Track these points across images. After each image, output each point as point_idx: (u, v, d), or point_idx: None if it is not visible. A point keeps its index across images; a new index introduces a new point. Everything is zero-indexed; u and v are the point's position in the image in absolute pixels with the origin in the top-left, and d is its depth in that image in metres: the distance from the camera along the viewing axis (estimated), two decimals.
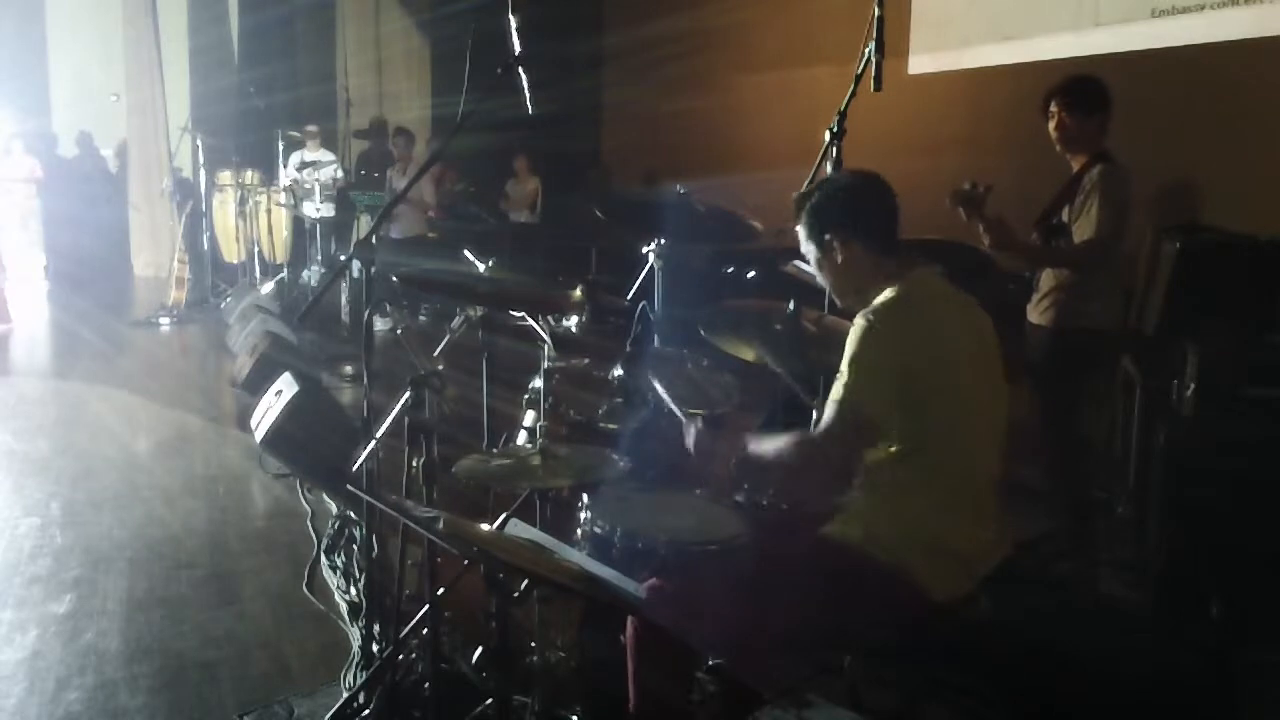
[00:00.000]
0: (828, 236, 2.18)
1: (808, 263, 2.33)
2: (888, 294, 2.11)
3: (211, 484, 4.53)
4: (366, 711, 2.51)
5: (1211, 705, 2.73)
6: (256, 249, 8.91)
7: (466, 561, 2.08)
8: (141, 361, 7.14)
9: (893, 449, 2.06)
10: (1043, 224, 3.53)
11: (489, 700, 2.37)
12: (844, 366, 2.06)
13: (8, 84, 10.60)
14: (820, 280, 2.29)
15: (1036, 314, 3.53)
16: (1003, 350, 2.19)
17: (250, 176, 9.18)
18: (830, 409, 2.05)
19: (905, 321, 2.06)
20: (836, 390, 2.06)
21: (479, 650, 2.54)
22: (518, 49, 2.51)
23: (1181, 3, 4.75)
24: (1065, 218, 3.47)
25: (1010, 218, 3.54)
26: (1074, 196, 3.43)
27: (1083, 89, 3.48)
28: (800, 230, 2.25)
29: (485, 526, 1.98)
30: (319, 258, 8.31)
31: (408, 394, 2.26)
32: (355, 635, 3.03)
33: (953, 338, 2.10)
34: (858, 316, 2.08)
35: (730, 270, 5.65)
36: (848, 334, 2.17)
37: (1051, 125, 3.51)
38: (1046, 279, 3.52)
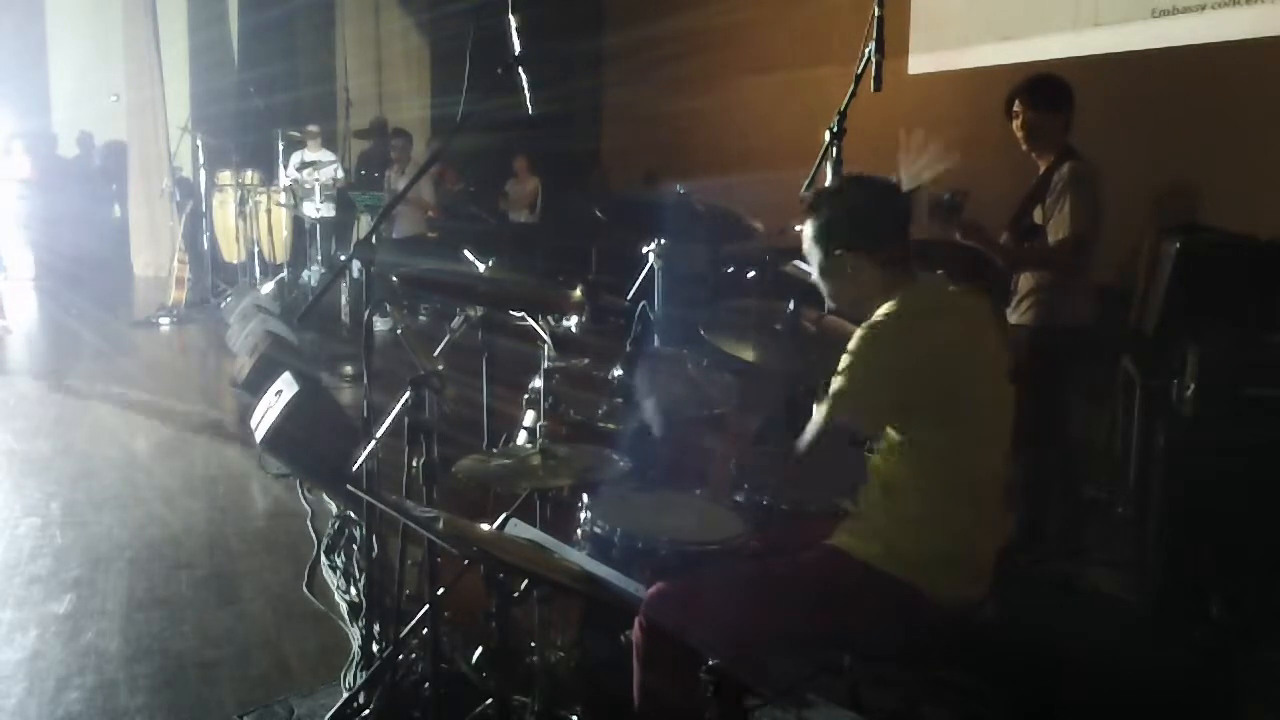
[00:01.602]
0: (837, 251, 2.13)
1: (808, 264, 2.30)
2: (887, 307, 2.08)
3: (211, 484, 4.53)
4: (366, 711, 2.51)
5: (1211, 705, 2.73)
6: (256, 249, 8.91)
7: (466, 561, 2.08)
8: (141, 361, 7.14)
9: (908, 462, 2.04)
10: (1015, 226, 3.52)
11: (489, 700, 2.37)
12: (837, 377, 2.05)
13: (8, 84, 10.60)
14: (820, 286, 2.25)
15: (1016, 315, 3.53)
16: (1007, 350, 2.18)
17: (250, 176, 9.18)
18: (816, 415, 2.06)
19: (902, 334, 2.04)
20: (826, 401, 2.06)
21: (479, 650, 2.54)
22: (518, 49, 2.51)
23: (1182, 3, 4.75)
24: (1037, 219, 3.46)
25: (1009, 217, 3.54)
26: (1045, 197, 3.43)
27: (1045, 87, 3.49)
28: (807, 235, 2.21)
29: (485, 526, 1.98)
30: (319, 258, 8.31)
31: (408, 394, 2.26)
32: (355, 635, 3.03)
33: (953, 345, 2.06)
34: (857, 331, 2.07)
35: (730, 270, 5.65)
36: (848, 334, 2.16)
37: (1016, 125, 3.52)
38: (1024, 280, 3.52)
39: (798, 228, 2.24)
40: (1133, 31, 4.98)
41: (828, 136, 2.97)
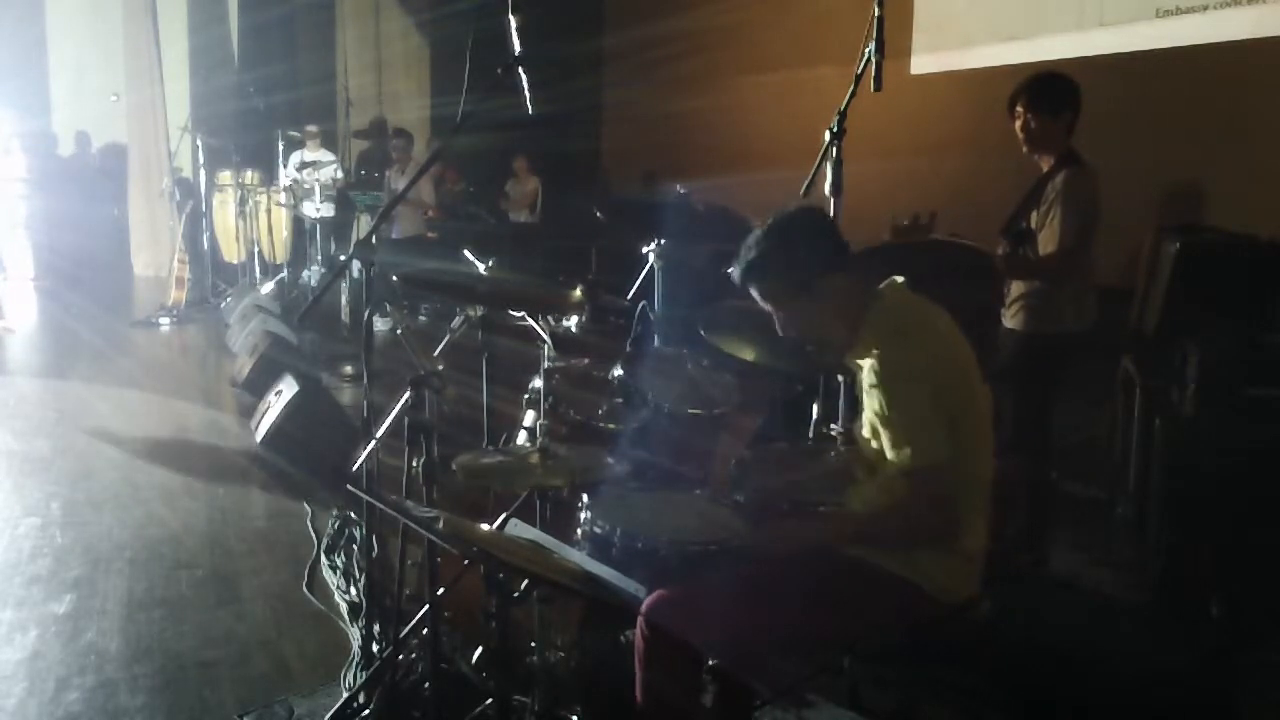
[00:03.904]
0: (814, 283, 2.09)
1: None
2: (878, 323, 2.06)
3: (211, 484, 4.53)
4: (366, 711, 2.51)
5: (1211, 705, 2.73)
6: (256, 249, 8.91)
7: (466, 561, 2.08)
8: (141, 361, 7.13)
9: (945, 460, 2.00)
10: (1009, 230, 3.49)
11: (489, 700, 2.37)
12: (890, 425, 2.00)
13: (7, 84, 10.60)
14: (803, 333, 2.19)
15: (1008, 318, 3.51)
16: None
17: (250, 176, 9.18)
18: (909, 479, 1.98)
19: (918, 346, 2.01)
20: (899, 453, 1.98)
21: (479, 650, 2.54)
22: (518, 49, 2.51)
23: (1185, 3, 4.75)
24: (1032, 223, 3.42)
25: (1005, 221, 3.53)
26: (1040, 203, 3.38)
27: (1049, 88, 3.39)
28: (765, 292, 2.14)
29: (485, 526, 1.98)
30: (319, 258, 8.31)
31: (408, 394, 2.26)
32: (355, 635, 3.03)
33: (946, 352, 2.07)
34: (876, 367, 2.01)
35: (730, 270, 5.66)
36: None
37: (1017, 126, 3.42)
38: (1016, 285, 3.49)
39: (756, 292, 2.19)
40: (1137, 32, 4.99)
41: (828, 136, 2.97)
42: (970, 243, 3.77)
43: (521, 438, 3.06)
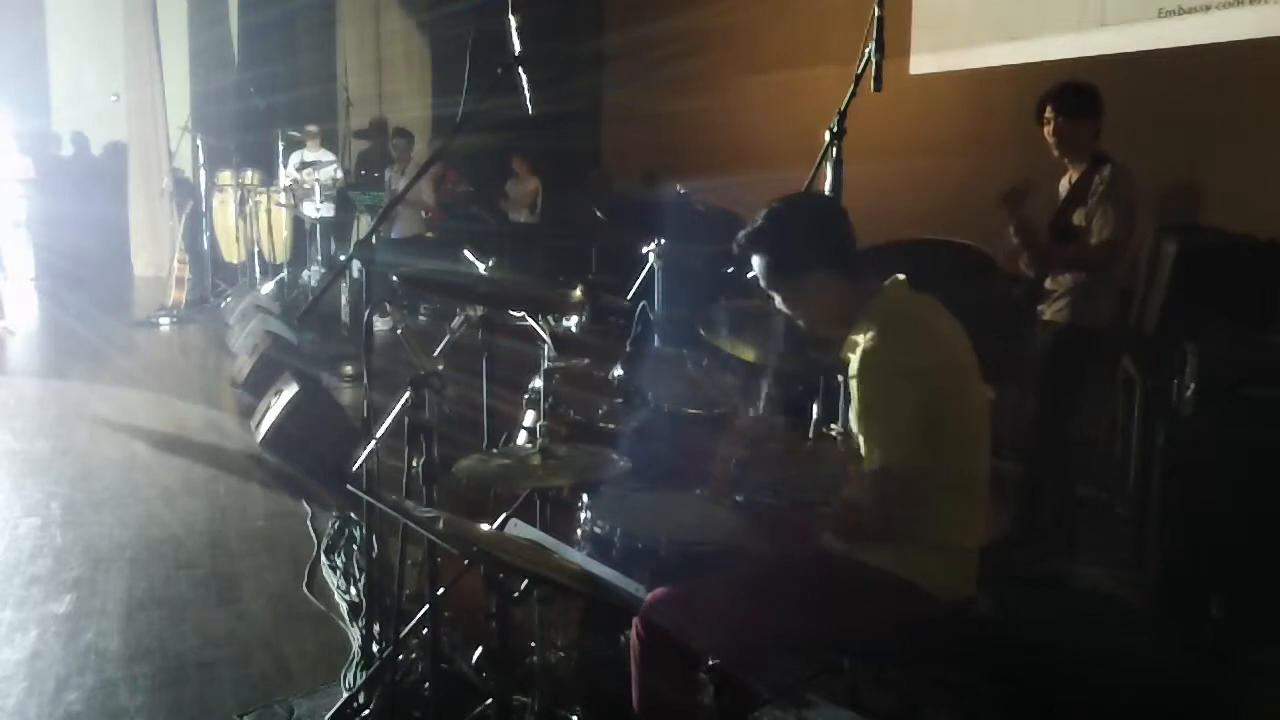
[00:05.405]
0: (804, 276, 2.10)
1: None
2: (871, 332, 2.05)
3: (211, 484, 4.53)
4: (366, 711, 2.51)
5: (1211, 705, 2.73)
6: (256, 249, 8.91)
7: (466, 561, 2.08)
8: (141, 361, 7.13)
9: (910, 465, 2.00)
10: (1055, 228, 3.56)
11: (489, 700, 2.37)
12: (864, 420, 2.01)
13: (7, 84, 10.59)
14: (793, 316, 2.20)
15: (1051, 311, 3.58)
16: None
17: (250, 176, 9.18)
18: (869, 478, 1.99)
19: (901, 355, 1.99)
20: (867, 451, 1.99)
21: (479, 650, 2.54)
22: (518, 49, 2.51)
23: (1187, 3, 4.74)
24: (1078, 221, 3.49)
25: (1049, 219, 3.57)
26: (1085, 200, 3.46)
27: (1077, 93, 3.52)
28: (761, 271, 2.15)
29: (485, 526, 1.98)
30: (319, 258, 8.31)
31: (408, 394, 2.26)
32: (355, 635, 3.03)
33: (942, 351, 2.07)
34: (861, 357, 2.01)
35: (730, 270, 5.66)
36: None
37: (1048, 131, 3.54)
38: (1063, 279, 3.55)
39: (755, 269, 2.19)
40: (1138, 31, 4.98)
41: (828, 136, 2.97)
42: (970, 242, 3.78)
43: (521, 438, 3.06)
